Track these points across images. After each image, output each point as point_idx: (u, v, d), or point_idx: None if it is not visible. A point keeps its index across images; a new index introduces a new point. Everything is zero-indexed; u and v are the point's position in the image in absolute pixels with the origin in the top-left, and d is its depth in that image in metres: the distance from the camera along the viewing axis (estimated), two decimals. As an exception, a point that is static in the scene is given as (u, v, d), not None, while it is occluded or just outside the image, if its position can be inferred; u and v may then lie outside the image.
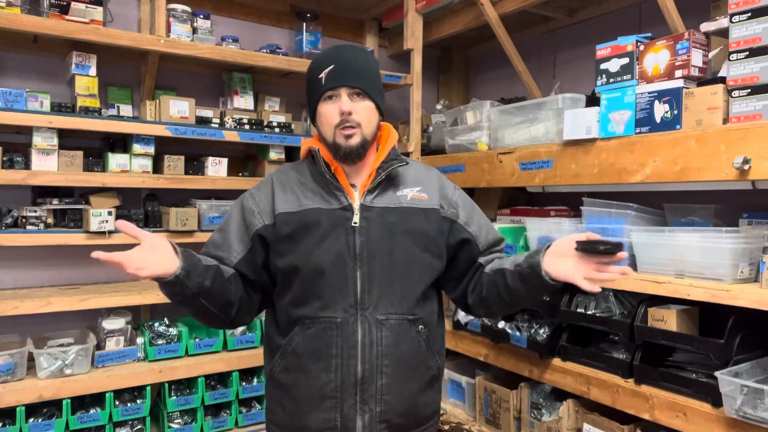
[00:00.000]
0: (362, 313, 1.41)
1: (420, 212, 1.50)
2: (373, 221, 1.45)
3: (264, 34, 3.16)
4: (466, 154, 2.72)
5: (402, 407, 1.44)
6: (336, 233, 1.43)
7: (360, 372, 1.40)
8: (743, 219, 1.98)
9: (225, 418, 2.62)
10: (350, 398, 1.40)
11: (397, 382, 1.43)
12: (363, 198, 1.47)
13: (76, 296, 2.36)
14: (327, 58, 1.48)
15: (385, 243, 1.44)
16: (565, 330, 2.22)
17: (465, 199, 1.62)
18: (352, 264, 1.42)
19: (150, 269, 1.26)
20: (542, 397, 2.35)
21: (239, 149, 3.07)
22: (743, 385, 1.57)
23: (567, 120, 2.14)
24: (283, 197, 1.48)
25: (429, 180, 1.57)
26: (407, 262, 1.46)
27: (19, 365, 2.23)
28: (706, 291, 1.69)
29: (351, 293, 1.41)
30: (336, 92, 1.45)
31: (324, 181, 1.48)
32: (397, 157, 1.53)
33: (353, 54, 1.50)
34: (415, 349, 1.46)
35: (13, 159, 2.30)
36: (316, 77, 1.47)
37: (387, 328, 1.42)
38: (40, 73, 2.61)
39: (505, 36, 2.78)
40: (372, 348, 1.41)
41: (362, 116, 1.46)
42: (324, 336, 1.41)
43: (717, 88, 1.74)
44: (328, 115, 1.46)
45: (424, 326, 1.48)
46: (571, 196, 2.55)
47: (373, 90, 1.48)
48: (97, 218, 2.37)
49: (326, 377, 1.40)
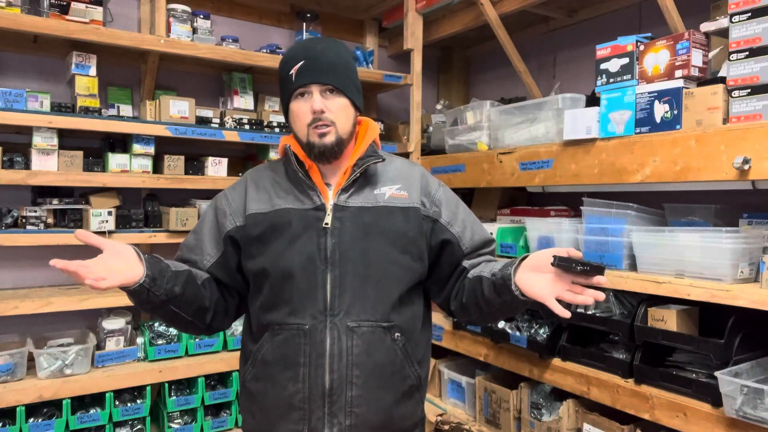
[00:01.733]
0: (332, 320, 1.33)
1: (398, 211, 1.41)
2: (346, 221, 1.37)
3: (264, 34, 3.16)
4: (466, 154, 2.72)
5: (375, 420, 1.35)
6: (307, 234, 1.36)
7: (328, 382, 1.32)
8: (743, 219, 1.98)
9: (225, 418, 2.62)
10: (318, 410, 1.33)
11: (369, 394, 1.34)
12: (337, 197, 1.39)
13: (76, 296, 2.36)
14: (297, 52, 1.40)
15: (359, 245, 1.36)
16: (565, 330, 2.22)
17: (450, 196, 1.51)
18: (322, 267, 1.34)
19: (111, 279, 1.19)
20: (542, 397, 2.35)
21: (239, 149, 3.07)
22: (743, 385, 1.57)
23: (567, 120, 2.14)
24: (256, 197, 1.42)
25: (411, 177, 1.48)
26: (383, 264, 1.37)
27: (19, 365, 2.23)
28: (706, 291, 1.69)
29: (320, 298, 1.34)
30: (307, 89, 1.36)
31: (297, 180, 1.42)
32: (374, 154, 1.44)
33: (324, 48, 1.40)
34: (390, 359, 1.37)
35: (13, 159, 2.30)
36: (287, 73, 1.39)
37: (358, 336, 1.33)
38: (40, 73, 2.61)
39: (505, 36, 2.78)
40: (341, 357, 1.33)
41: (336, 114, 1.37)
42: (292, 343, 1.34)
43: (717, 88, 1.74)
44: (300, 114, 1.38)
45: (401, 334, 1.38)
46: (571, 196, 2.55)
47: (346, 86, 1.39)
48: (97, 218, 2.38)
49: (294, 387, 1.33)
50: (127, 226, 2.52)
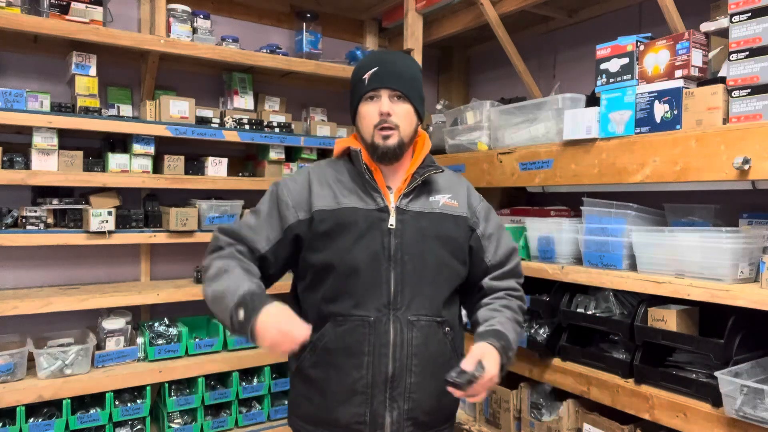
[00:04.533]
0: (394, 314, 1.45)
1: (450, 218, 1.55)
2: (407, 224, 1.49)
3: (264, 34, 3.16)
4: (466, 154, 2.72)
5: (428, 405, 1.48)
6: (372, 233, 1.46)
7: (391, 370, 1.44)
8: (743, 219, 1.97)
9: (225, 418, 2.62)
10: (380, 395, 1.44)
11: (425, 381, 1.47)
12: (399, 201, 1.51)
13: (76, 296, 2.36)
14: (371, 60, 1.54)
15: (418, 246, 1.48)
16: (565, 330, 2.22)
17: (487, 210, 1.66)
18: (386, 265, 1.46)
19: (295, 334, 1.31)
20: (542, 397, 2.35)
21: (239, 149, 3.07)
22: (743, 385, 1.57)
23: (567, 120, 2.14)
24: (321, 193, 1.51)
25: (459, 188, 1.63)
26: (437, 265, 1.50)
27: (19, 365, 2.23)
28: (706, 291, 1.69)
29: (384, 293, 1.45)
30: (377, 93, 1.49)
31: (362, 181, 1.52)
32: (432, 164, 1.58)
33: (397, 59, 1.56)
34: (442, 350, 1.51)
35: (13, 159, 2.31)
36: (360, 78, 1.52)
37: (417, 329, 1.46)
38: (40, 73, 2.61)
39: (505, 36, 2.77)
40: (403, 347, 1.45)
41: (401, 118, 1.49)
42: (356, 333, 1.44)
43: (717, 88, 1.74)
44: (368, 115, 1.50)
45: (450, 328, 1.53)
46: (571, 196, 2.54)
47: (412, 94, 1.52)
48: (97, 218, 2.38)
49: (358, 373, 1.44)
50: (127, 226, 2.52)
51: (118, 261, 2.78)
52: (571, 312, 2.18)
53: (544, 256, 2.30)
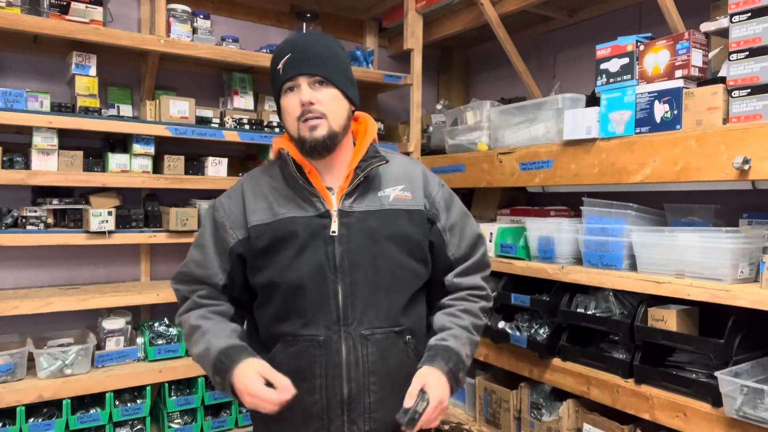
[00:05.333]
0: (345, 330, 1.32)
1: (403, 214, 1.39)
2: (353, 227, 1.34)
3: (264, 34, 3.16)
4: (466, 154, 2.72)
5: (391, 423, 1.35)
6: (314, 244, 1.33)
7: (346, 391, 1.32)
8: (743, 219, 1.97)
9: (225, 418, 2.62)
10: (337, 419, 1.33)
11: (386, 398, 1.35)
12: (341, 203, 1.36)
13: (76, 296, 2.36)
14: (285, 47, 1.38)
15: (368, 251, 1.34)
16: (565, 330, 2.22)
17: (448, 198, 1.49)
18: (332, 277, 1.32)
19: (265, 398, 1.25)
20: (542, 397, 2.35)
21: (239, 149, 3.07)
22: (743, 385, 1.57)
23: (567, 120, 2.14)
24: (255, 206, 1.38)
25: (413, 176, 1.45)
26: (392, 270, 1.36)
27: (19, 365, 2.23)
28: (706, 291, 1.69)
29: (333, 309, 1.32)
30: (295, 82, 1.33)
31: (297, 186, 1.37)
32: (376, 155, 1.41)
33: (311, 40, 1.38)
34: (403, 361, 1.38)
35: (13, 159, 2.30)
36: (275, 69, 1.37)
37: (372, 344, 1.34)
38: (40, 73, 2.61)
39: (505, 36, 2.78)
40: (358, 366, 1.33)
41: (326, 106, 1.33)
42: (307, 355, 1.33)
43: (717, 88, 1.74)
44: (290, 108, 1.35)
45: (411, 336, 1.40)
46: (571, 196, 2.54)
47: (336, 76, 1.35)
48: (97, 218, 2.37)
49: (311, 398, 1.33)
50: (127, 226, 2.52)
51: (118, 261, 2.78)
52: (571, 312, 2.18)
53: (544, 256, 2.30)
